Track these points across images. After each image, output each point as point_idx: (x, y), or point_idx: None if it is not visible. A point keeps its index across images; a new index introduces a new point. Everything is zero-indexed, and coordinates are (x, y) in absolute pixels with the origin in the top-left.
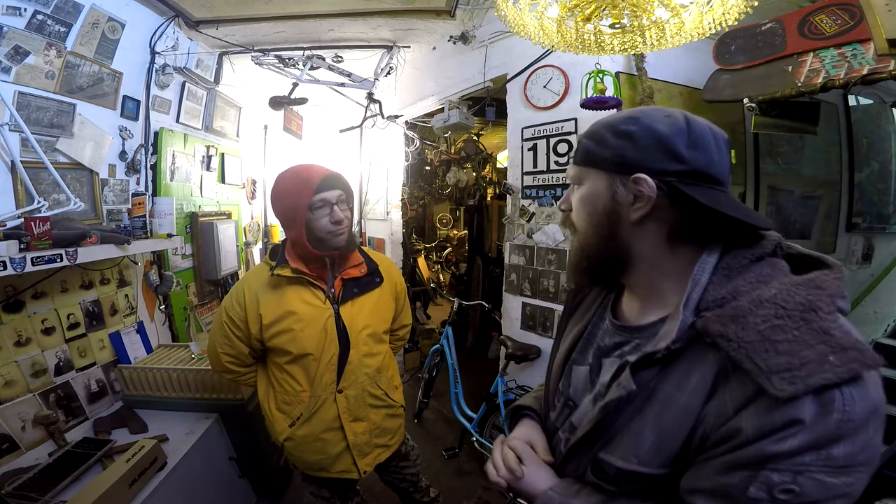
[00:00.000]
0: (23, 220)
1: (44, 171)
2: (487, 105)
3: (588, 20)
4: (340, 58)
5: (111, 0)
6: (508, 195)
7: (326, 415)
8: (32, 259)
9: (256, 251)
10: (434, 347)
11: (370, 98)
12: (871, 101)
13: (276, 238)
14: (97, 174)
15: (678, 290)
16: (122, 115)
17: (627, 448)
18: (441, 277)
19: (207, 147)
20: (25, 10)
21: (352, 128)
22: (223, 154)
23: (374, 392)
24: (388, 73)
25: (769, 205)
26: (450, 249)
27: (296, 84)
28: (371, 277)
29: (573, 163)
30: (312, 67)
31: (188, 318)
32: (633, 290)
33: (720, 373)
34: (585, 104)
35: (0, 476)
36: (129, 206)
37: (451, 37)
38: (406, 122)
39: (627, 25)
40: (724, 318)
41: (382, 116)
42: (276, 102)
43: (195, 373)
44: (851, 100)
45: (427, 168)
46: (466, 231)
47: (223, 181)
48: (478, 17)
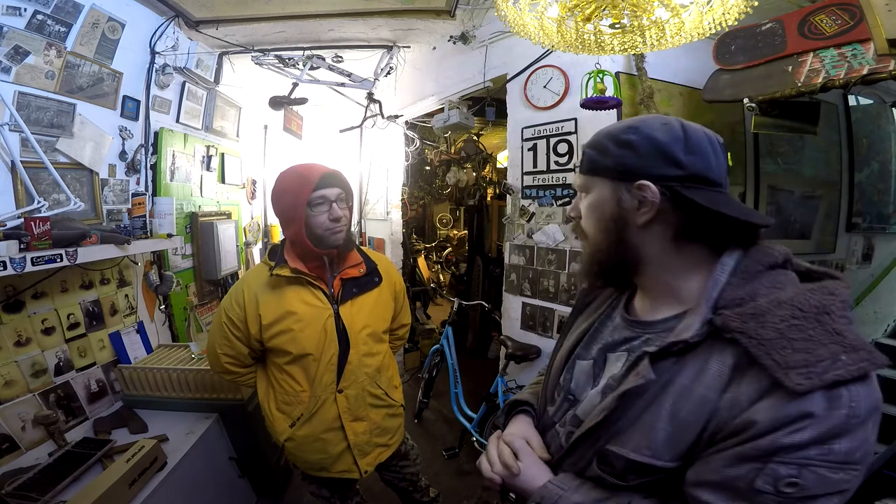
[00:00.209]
0: (23, 220)
1: (44, 171)
2: (487, 105)
3: (588, 20)
4: (340, 58)
5: (111, 0)
6: (508, 195)
7: (327, 415)
8: (32, 259)
9: (256, 251)
10: (434, 347)
11: (370, 98)
12: (871, 101)
13: (276, 238)
14: (97, 174)
15: (690, 288)
16: (122, 115)
17: (640, 440)
18: (441, 277)
19: (207, 147)
20: (25, 10)
21: (352, 128)
22: (223, 154)
23: (374, 392)
24: (388, 73)
25: (769, 205)
26: (450, 249)
27: (296, 84)
28: (370, 277)
29: (579, 172)
30: (312, 67)
31: (188, 318)
32: (645, 289)
33: (736, 367)
34: (585, 104)
35: (0, 476)
36: (129, 206)
37: (451, 37)
38: (406, 122)
39: (627, 25)
40: (745, 316)
41: (382, 116)
42: (276, 102)
43: (195, 373)
44: (851, 100)
45: (427, 168)
46: (466, 231)
47: (223, 181)
48: (478, 17)
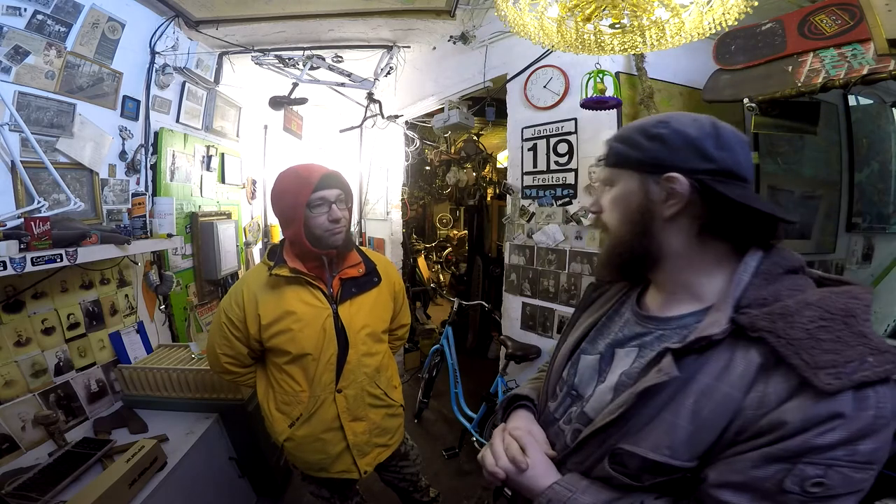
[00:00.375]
0: (23, 220)
1: (44, 171)
2: (487, 105)
3: (588, 20)
4: (340, 58)
5: (111, 0)
6: (508, 195)
7: (326, 415)
8: (32, 259)
9: (256, 251)
10: (434, 347)
11: (370, 98)
12: (871, 101)
13: (276, 238)
14: (97, 174)
15: (710, 285)
16: (122, 115)
17: (659, 438)
18: (441, 277)
19: (207, 147)
20: (25, 10)
21: (352, 128)
22: (223, 154)
23: (374, 392)
24: (388, 73)
25: None
26: (450, 249)
27: (296, 84)
28: (369, 277)
29: (604, 165)
30: (312, 67)
31: (188, 318)
32: (660, 285)
33: (762, 367)
34: (585, 104)
35: (0, 476)
36: (129, 206)
37: (451, 37)
38: (406, 122)
39: (627, 25)
40: (773, 316)
41: (382, 116)
42: (276, 102)
43: (195, 373)
44: (851, 100)
45: (427, 168)
46: (466, 231)
47: (223, 181)
48: (478, 17)
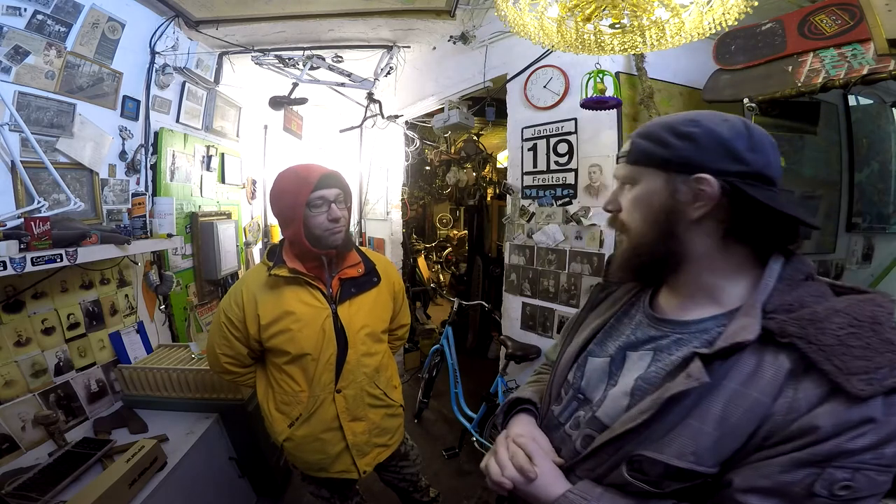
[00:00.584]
0: (23, 220)
1: (44, 171)
2: (487, 105)
3: (588, 20)
4: (340, 58)
5: (111, 0)
6: (508, 195)
7: (325, 415)
8: (32, 259)
9: (256, 251)
10: (434, 347)
11: (370, 98)
12: (871, 101)
13: (276, 238)
14: (97, 174)
15: (733, 290)
16: (122, 115)
17: (684, 445)
18: (441, 277)
19: (207, 147)
20: (25, 10)
21: (352, 128)
22: (223, 154)
23: (373, 392)
24: (388, 73)
25: None
26: (450, 249)
27: (296, 84)
28: (368, 277)
29: (626, 162)
30: (312, 67)
31: (188, 318)
32: (677, 288)
33: (791, 372)
34: (585, 104)
35: (0, 476)
36: (129, 206)
37: (451, 37)
38: (406, 122)
39: (627, 25)
40: (803, 322)
41: (382, 116)
42: (276, 102)
43: (195, 373)
44: (851, 100)
45: (427, 168)
46: (466, 231)
47: (223, 181)
48: (478, 17)
